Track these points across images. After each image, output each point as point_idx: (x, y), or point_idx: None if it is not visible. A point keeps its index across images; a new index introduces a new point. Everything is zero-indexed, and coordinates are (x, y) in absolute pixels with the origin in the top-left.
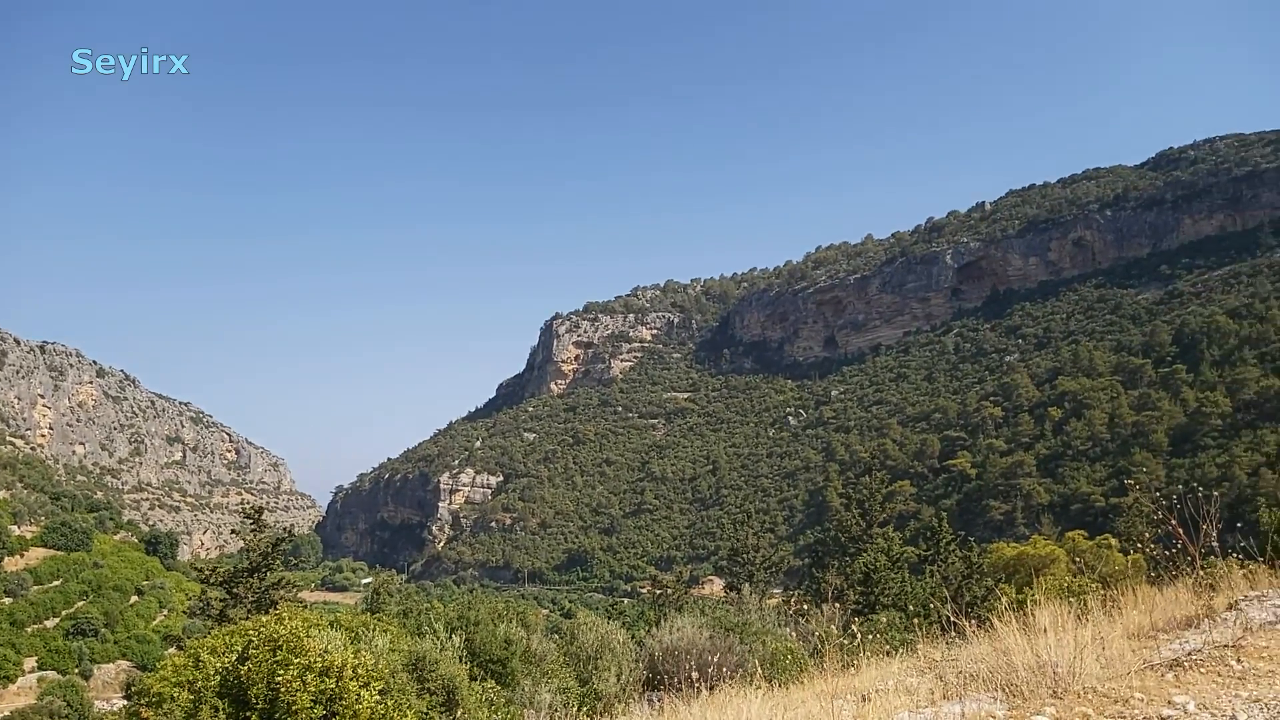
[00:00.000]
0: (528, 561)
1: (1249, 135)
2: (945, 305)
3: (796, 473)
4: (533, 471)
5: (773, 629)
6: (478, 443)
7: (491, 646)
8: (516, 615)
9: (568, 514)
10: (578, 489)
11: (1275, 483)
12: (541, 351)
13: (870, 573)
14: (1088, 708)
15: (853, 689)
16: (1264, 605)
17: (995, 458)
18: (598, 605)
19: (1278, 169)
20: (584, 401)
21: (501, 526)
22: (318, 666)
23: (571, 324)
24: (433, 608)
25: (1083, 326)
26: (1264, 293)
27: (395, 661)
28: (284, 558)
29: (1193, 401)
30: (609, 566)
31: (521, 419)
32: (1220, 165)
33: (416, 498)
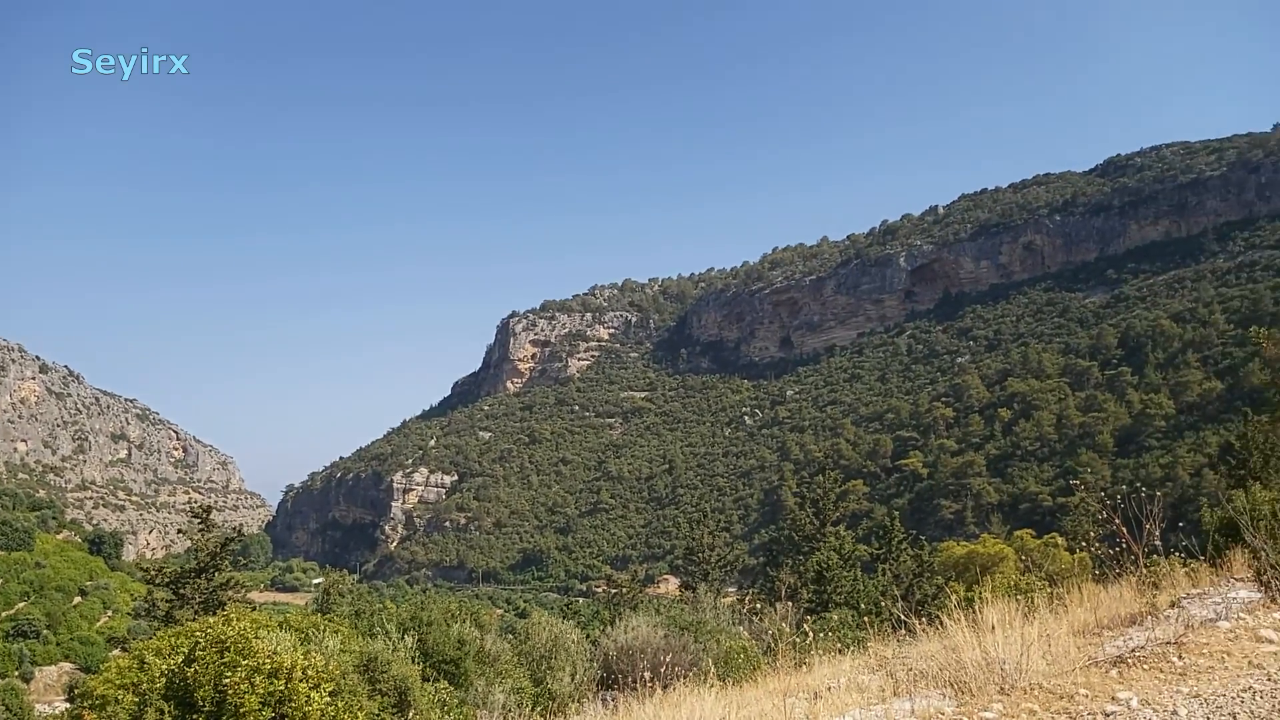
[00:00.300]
0: (482, 561)
1: (1194, 144)
2: (899, 307)
3: (752, 472)
4: (488, 471)
5: (727, 628)
6: (432, 441)
7: (445, 647)
8: (470, 615)
9: (523, 513)
10: (533, 488)
11: (1217, 483)
12: (498, 350)
13: (823, 571)
14: (1034, 704)
15: (805, 687)
16: (1205, 603)
17: (946, 457)
18: (553, 605)
19: (1221, 177)
20: (540, 400)
21: (456, 526)
22: (266, 668)
23: (528, 322)
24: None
25: (1032, 329)
26: (1206, 298)
27: (346, 663)
28: (232, 558)
29: (1137, 403)
30: (564, 566)
31: (477, 418)
32: (1166, 173)
33: (369, 497)
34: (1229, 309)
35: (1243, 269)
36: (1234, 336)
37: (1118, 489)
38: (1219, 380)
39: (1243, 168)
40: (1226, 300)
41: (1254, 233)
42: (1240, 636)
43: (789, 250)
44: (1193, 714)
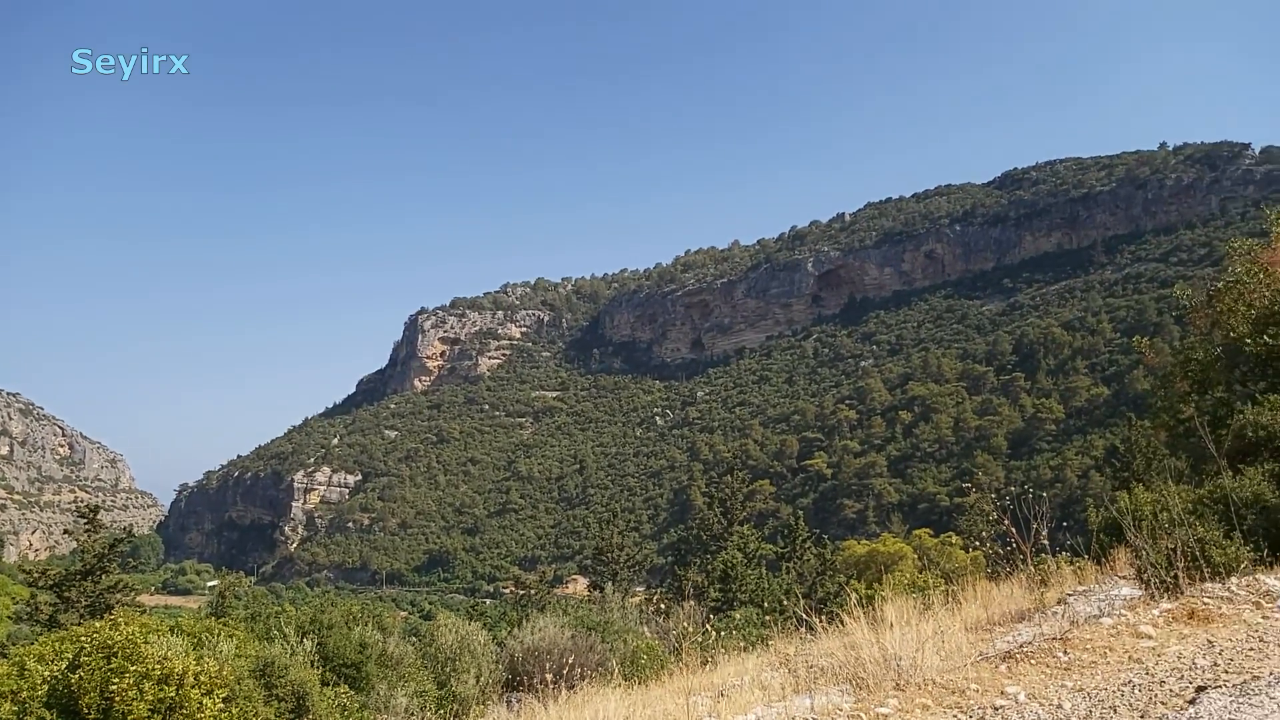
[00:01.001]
0: (386, 563)
1: (1085, 159)
2: (806, 311)
3: (662, 472)
4: (393, 470)
5: (634, 627)
6: (335, 440)
7: (345, 650)
8: (373, 618)
9: (429, 514)
10: (440, 488)
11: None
12: (405, 347)
13: (729, 570)
14: (927, 699)
15: (710, 685)
16: (1090, 600)
17: (850, 458)
18: (459, 606)
19: (1110, 192)
20: (449, 399)
21: (359, 527)
22: (156, 674)
23: (438, 319)
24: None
25: (932, 335)
26: (1095, 307)
27: (241, 668)
28: (121, 559)
29: (1030, 408)
30: (471, 567)
31: (383, 416)
32: (1059, 186)
33: (268, 497)
34: (1116, 319)
35: (1129, 281)
36: (1120, 345)
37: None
38: (1105, 386)
39: (1130, 184)
40: (1113, 310)
41: (1140, 246)
42: (1122, 632)
43: (701, 253)
44: (1076, 707)
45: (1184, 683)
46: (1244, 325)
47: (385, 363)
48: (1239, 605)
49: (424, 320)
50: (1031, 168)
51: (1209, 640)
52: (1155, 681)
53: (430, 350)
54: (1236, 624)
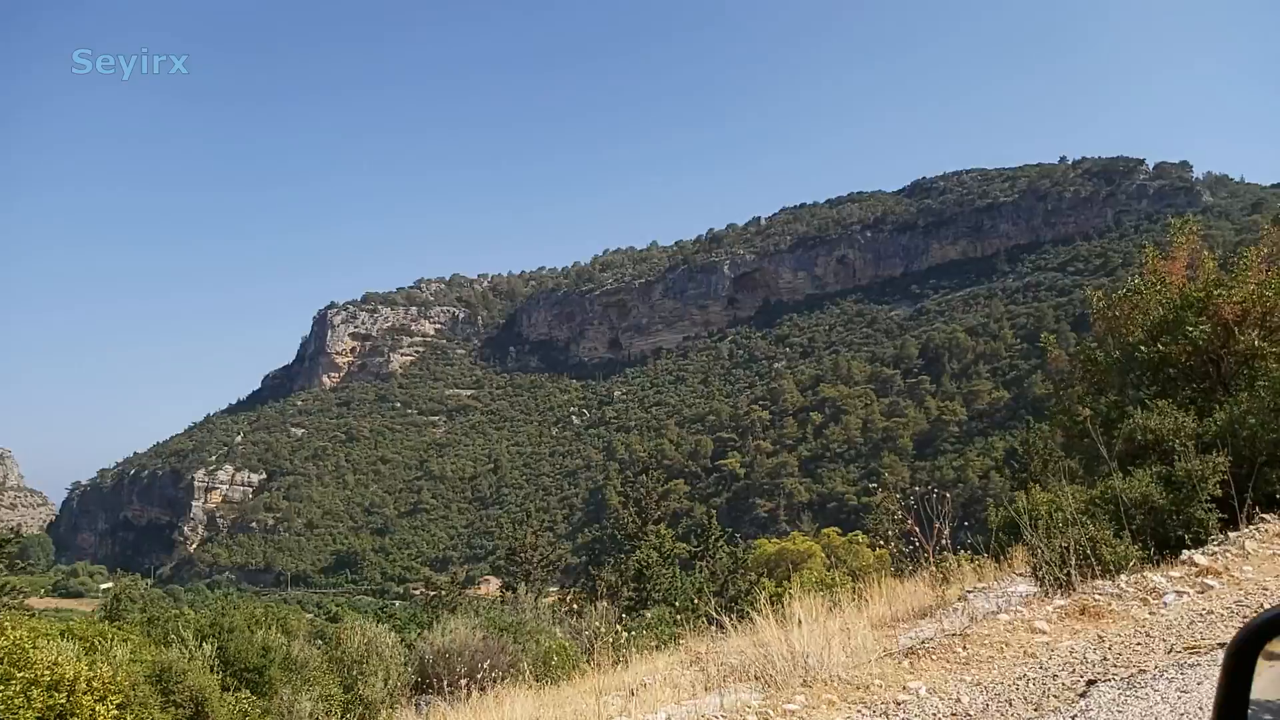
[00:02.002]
0: (292, 564)
1: (990, 170)
2: (722, 313)
3: (578, 471)
4: (300, 469)
5: (547, 628)
6: (238, 437)
7: (247, 654)
8: (277, 621)
9: (337, 514)
10: (349, 488)
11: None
12: (314, 342)
13: (643, 569)
14: (833, 695)
15: (622, 684)
16: (989, 596)
17: (762, 458)
18: (367, 608)
19: (1013, 203)
20: (359, 396)
21: (263, 527)
22: (45, 680)
23: (348, 315)
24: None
25: (843, 338)
26: (997, 314)
27: (137, 673)
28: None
29: (935, 410)
30: (381, 568)
31: (289, 413)
32: (965, 196)
33: (167, 496)
34: (1016, 325)
35: (1029, 289)
36: (1020, 350)
37: (915, 490)
38: (1006, 390)
39: (1032, 195)
40: (1014, 317)
41: (1040, 255)
42: (1018, 628)
43: (620, 253)
44: (974, 701)
45: (1075, 676)
46: (1139, 332)
47: (292, 358)
48: (1127, 602)
49: (334, 315)
50: (939, 177)
51: (1099, 635)
52: (1048, 675)
53: (340, 346)
54: (1125, 620)
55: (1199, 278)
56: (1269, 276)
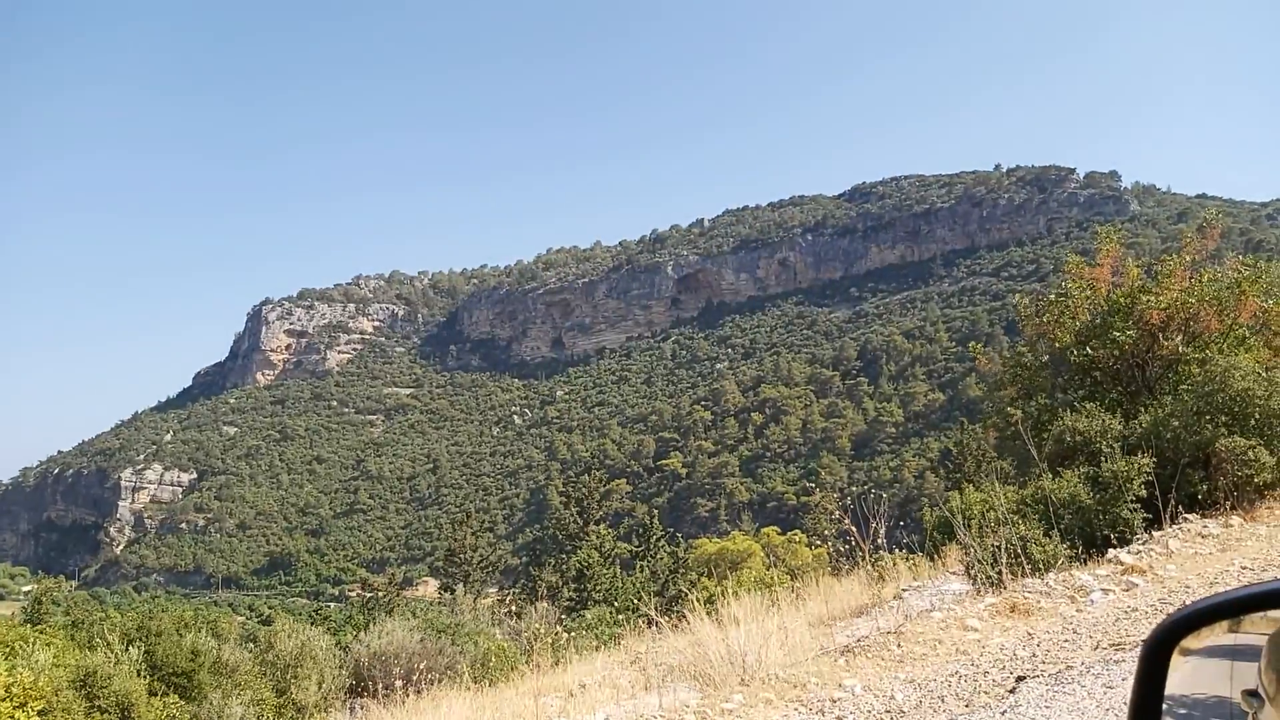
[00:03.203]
0: (223, 566)
1: (928, 176)
2: (665, 314)
3: (519, 471)
4: (232, 468)
5: (486, 629)
6: (168, 436)
7: (176, 658)
8: (207, 623)
9: (271, 514)
10: (283, 488)
11: (937, 485)
12: (248, 339)
13: (584, 569)
14: (770, 693)
15: (561, 685)
16: (923, 594)
17: (704, 458)
18: (301, 610)
19: (950, 209)
20: (295, 394)
21: (193, 528)
22: None
23: (284, 311)
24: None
25: (784, 339)
26: (933, 318)
27: (60, 678)
28: None
29: (872, 411)
30: (315, 570)
31: (221, 411)
32: (904, 201)
33: (92, 496)
34: (952, 328)
35: (964, 293)
36: (955, 354)
37: (852, 490)
38: (941, 392)
39: (968, 201)
40: (950, 320)
41: (975, 260)
42: (950, 626)
43: (563, 252)
44: (908, 698)
45: (1005, 673)
46: (1068, 337)
47: (225, 355)
48: (1056, 599)
49: (269, 311)
50: (879, 182)
51: (1028, 632)
52: (980, 672)
53: (275, 343)
54: (1053, 617)
55: (1124, 284)
56: (1192, 284)
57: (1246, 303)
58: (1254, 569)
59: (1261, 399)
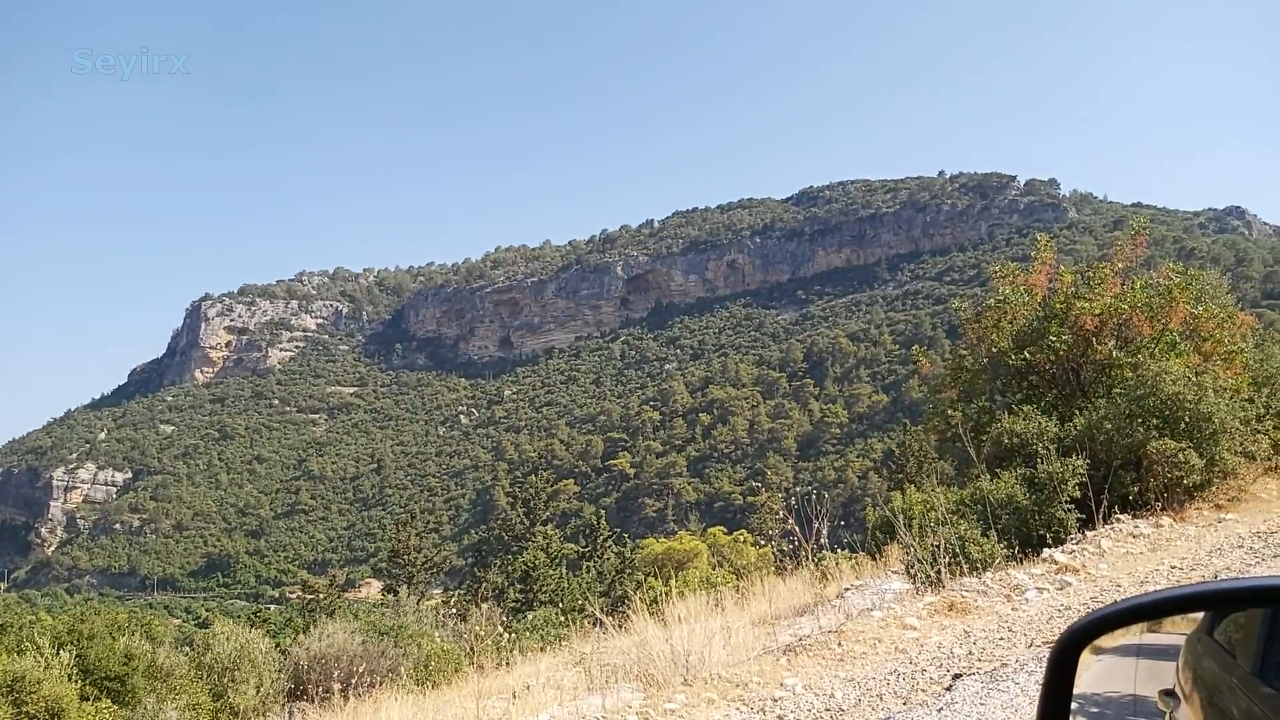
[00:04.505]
0: (159, 567)
1: (874, 181)
2: (615, 314)
3: (465, 472)
4: (169, 468)
5: (429, 631)
6: (102, 434)
7: (109, 662)
8: (141, 626)
9: (209, 515)
10: (222, 488)
11: (880, 485)
12: (186, 335)
13: (530, 570)
14: (713, 693)
15: (505, 687)
16: (864, 593)
17: (652, 459)
18: (240, 613)
19: (895, 214)
20: (235, 392)
21: (128, 529)
22: None
23: (224, 307)
24: (38, 620)
25: (732, 341)
26: (878, 320)
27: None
28: None
29: (818, 412)
30: (255, 571)
31: (158, 409)
32: (850, 206)
33: (22, 495)
34: (895, 332)
35: (908, 296)
36: (898, 356)
37: (798, 490)
38: (885, 394)
39: (912, 207)
40: (894, 324)
41: (918, 265)
42: (890, 625)
43: (512, 250)
44: (848, 696)
45: (942, 670)
46: (1006, 341)
47: (163, 352)
48: (992, 598)
49: (208, 307)
50: (826, 187)
51: (965, 631)
52: (918, 670)
53: (214, 340)
54: (990, 615)
55: (1060, 290)
56: (1124, 290)
57: (1177, 309)
58: (1183, 568)
59: (1191, 403)
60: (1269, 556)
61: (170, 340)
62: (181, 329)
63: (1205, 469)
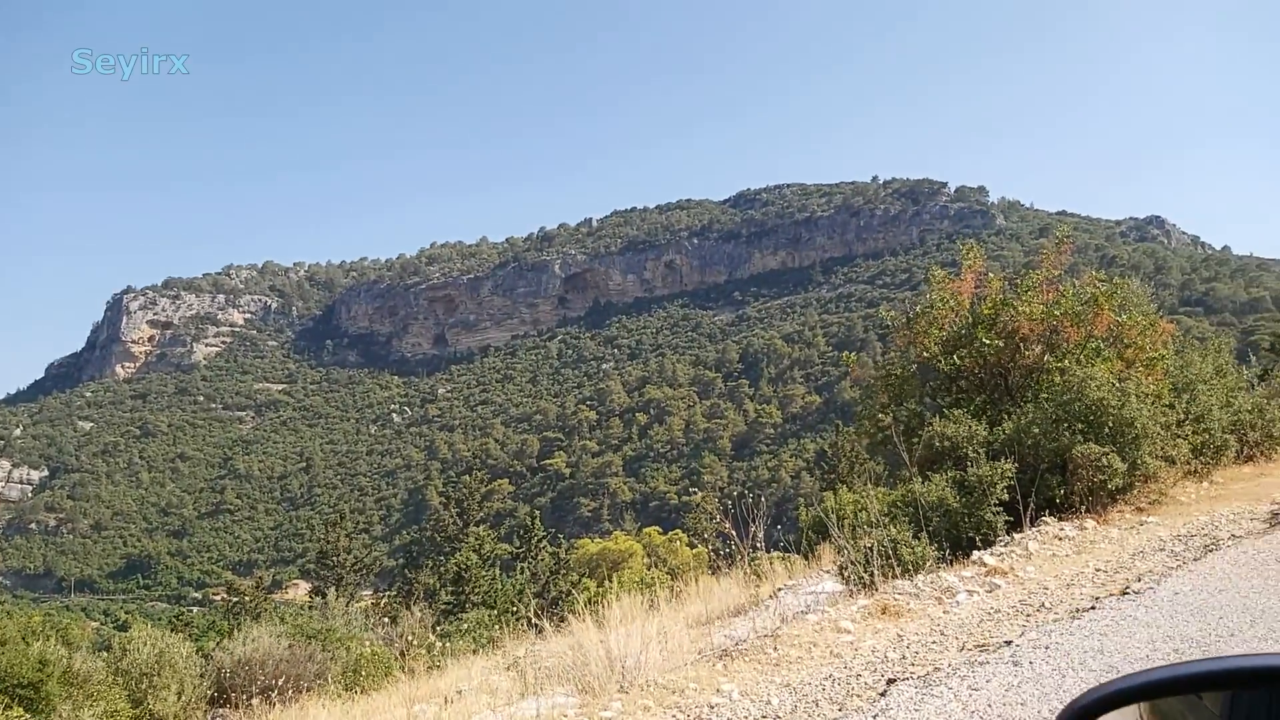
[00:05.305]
0: (76, 569)
1: (809, 185)
2: (552, 312)
3: (397, 471)
4: (87, 466)
5: (359, 634)
6: (17, 431)
7: (21, 669)
8: (56, 630)
9: (129, 515)
10: (143, 487)
11: (813, 485)
12: (107, 329)
13: (462, 572)
14: (649, 700)
15: (436, 691)
16: (798, 593)
17: (588, 458)
18: (161, 616)
19: (829, 217)
20: (157, 388)
21: (44, 529)
22: None
23: (147, 300)
24: None
25: (669, 341)
26: (812, 322)
27: None
28: None
29: (752, 412)
30: (177, 573)
31: (76, 405)
32: (786, 209)
33: None
34: (829, 334)
35: (841, 299)
36: (831, 358)
37: (733, 489)
38: (818, 395)
39: (846, 211)
40: (827, 326)
41: (851, 268)
42: (825, 628)
43: (448, 247)
44: (784, 703)
45: (877, 675)
46: (935, 346)
47: (82, 346)
48: (924, 600)
49: (130, 301)
50: (763, 190)
51: (899, 634)
52: (852, 675)
53: (137, 334)
54: (922, 618)
55: (987, 297)
56: (1050, 297)
57: (1102, 317)
58: (1107, 570)
59: (1115, 408)
60: (1189, 560)
61: (90, 334)
62: (102, 323)
63: (1128, 473)
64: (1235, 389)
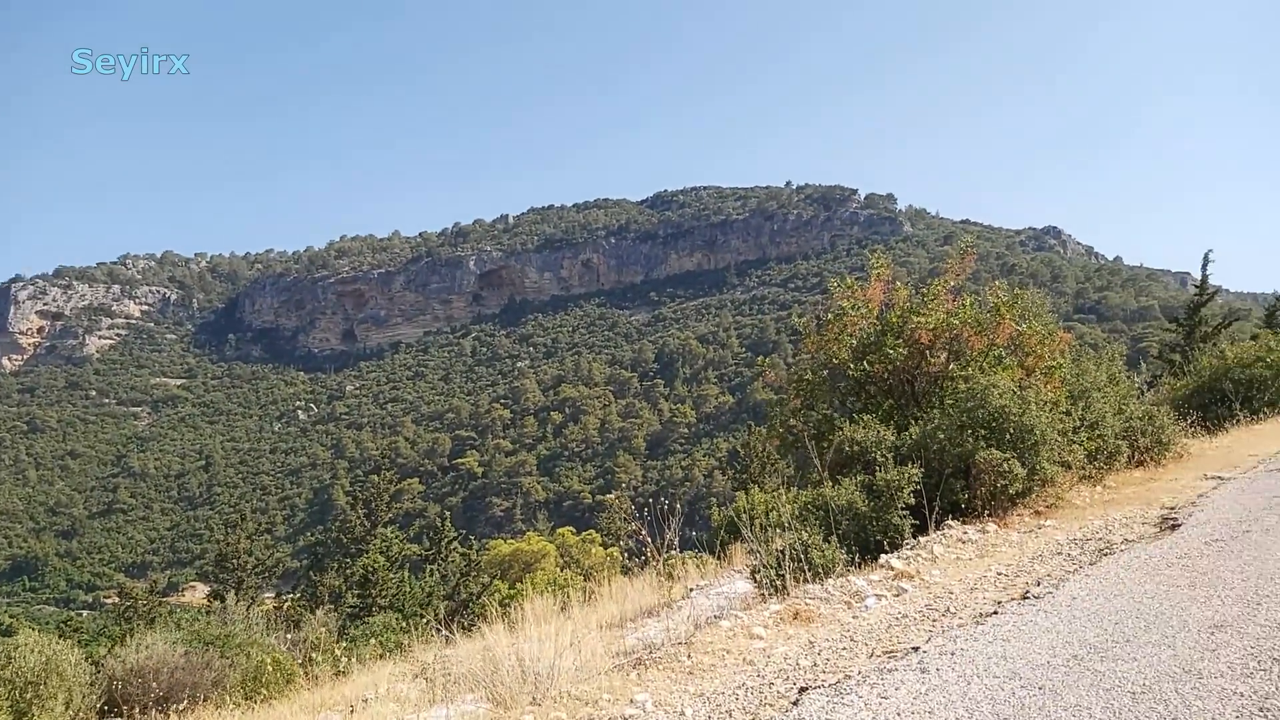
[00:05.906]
0: None
1: (725, 189)
2: (466, 309)
3: (302, 470)
4: None
5: (260, 640)
6: None
7: None
8: None
9: (14, 514)
10: (30, 484)
11: (725, 485)
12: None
13: (369, 574)
14: (562, 712)
15: (342, 699)
16: (710, 594)
17: (501, 457)
18: (48, 620)
19: (744, 221)
20: (47, 382)
21: None
22: None
23: (37, 290)
24: None
25: (585, 340)
26: (726, 324)
27: None
28: None
29: (667, 412)
30: (66, 575)
31: None
32: (702, 211)
33: None
34: (743, 335)
35: (755, 302)
36: (744, 359)
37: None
38: (731, 395)
39: (760, 215)
40: (741, 328)
41: (765, 271)
42: (738, 634)
43: (358, 240)
44: (698, 713)
45: (789, 683)
46: (845, 352)
47: None
48: (834, 605)
49: (18, 290)
50: (680, 191)
51: (810, 640)
52: (765, 683)
53: (25, 325)
54: (832, 624)
55: (896, 304)
56: (954, 305)
57: (1004, 326)
58: (1007, 574)
59: (1016, 415)
60: (1085, 564)
61: None
62: None
63: (1027, 478)
64: (1127, 396)
